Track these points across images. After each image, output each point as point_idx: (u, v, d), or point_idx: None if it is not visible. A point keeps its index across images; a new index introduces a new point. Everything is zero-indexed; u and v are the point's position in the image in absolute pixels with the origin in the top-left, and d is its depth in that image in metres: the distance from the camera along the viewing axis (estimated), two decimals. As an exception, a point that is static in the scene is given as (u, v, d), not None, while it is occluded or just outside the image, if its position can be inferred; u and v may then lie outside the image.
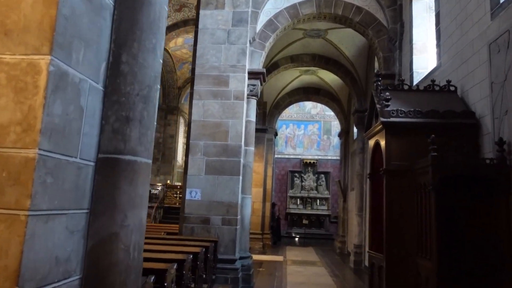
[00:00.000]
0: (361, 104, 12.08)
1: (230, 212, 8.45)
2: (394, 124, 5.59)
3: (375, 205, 6.28)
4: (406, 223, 5.45)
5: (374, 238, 6.26)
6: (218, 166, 8.56)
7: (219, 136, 8.66)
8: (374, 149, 6.33)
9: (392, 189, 5.51)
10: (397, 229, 5.45)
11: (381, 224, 5.83)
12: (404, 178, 5.51)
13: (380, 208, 5.94)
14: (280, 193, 21.75)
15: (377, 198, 6.20)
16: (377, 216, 6.11)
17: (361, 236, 11.83)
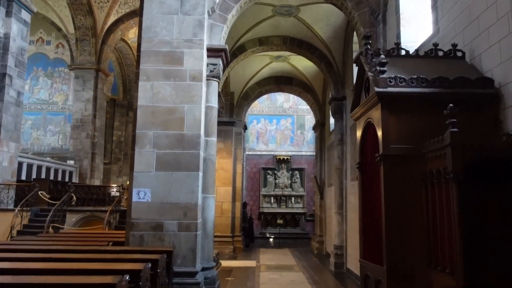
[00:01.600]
0: (338, 91, 10.66)
1: (188, 215, 6.85)
2: (392, 95, 4.11)
3: (368, 203, 4.80)
4: (413, 225, 3.99)
5: (367, 244, 4.78)
6: (172, 160, 6.94)
7: (172, 124, 7.04)
8: (364, 131, 4.85)
9: (392, 181, 4.04)
10: (400, 233, 3.98)
11: (376, 226, 4.36)
12: (408, 166, 4.04)
13: (375, 206, 4.47)
14: (253, 192, 20.19)
15: (370, 194, 4.72)
16: (371, 216, 4.63)
17: (342, 236, 10.41)
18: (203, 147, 7.31)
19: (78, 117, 17.67)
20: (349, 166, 10.14)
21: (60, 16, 19.33)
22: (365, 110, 4.62)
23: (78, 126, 17.66)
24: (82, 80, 17.96)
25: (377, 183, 4.30)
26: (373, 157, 4.38)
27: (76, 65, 17.76)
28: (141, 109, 7.14)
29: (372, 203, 4.58)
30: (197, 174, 6.95)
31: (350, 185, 10.02)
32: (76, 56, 18.10)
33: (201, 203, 7.17)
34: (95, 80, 18.03)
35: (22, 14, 13.36)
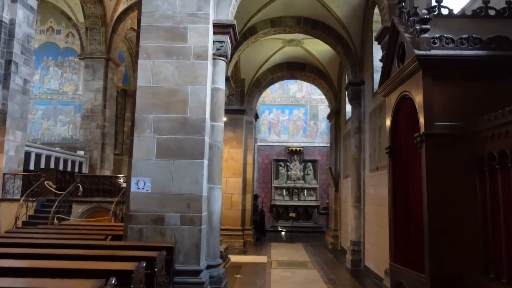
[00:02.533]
0: (356, 75, 9.72)
1: (191, 207, 6.06)
2: (437, 59, 3.22)
3: (401, 195, 3.90)
4: (463, 222, 3.11)
5: (400, 245, 3.89)
6: (174, 146, 6.15)
7: (175, 107, 6.24)
8: (396, 109, 3.95)
9: (436, 167, 3.16)
10: (447, 232, 3.10)
11: (412, 223, 3.49)
12: (457, 148, 3.16)
13: (411, 199, 3.59)
14: (264, 184, 19.36)
15: (404, 184, 3.83)
16: (406, 211, 3.75)
17: (359, 231, 9.53)
18: (208, 132, 6.49)
19: (88, 107, 17.19)
20: (367, 156, 9.23)
21: (69, 5, 18.75)
22: (398, 82, 3.73)
23: (88, 116, 17.18)
24: (92, 69, 17.47)
25: (414, 171, 3.43)
26: (409, 139, 3.51)
27: (86, 55, 17.26)
28: (140, 90, 6.35)
29: (407, 195, 3.71)
30: (202, 162, 6.13)
31: (368, 176, 9.12)
32: (86, 46, 17.60)
33: (206, 194, 6.37)
34: (105, 70, 17.54)
35: (28, 0, 12.72)
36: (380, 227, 8.12)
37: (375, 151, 8.51)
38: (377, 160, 8.31)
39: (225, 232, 12.09)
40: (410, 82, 3.46)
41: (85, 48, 17.62)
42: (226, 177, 12.59)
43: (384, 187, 7.87)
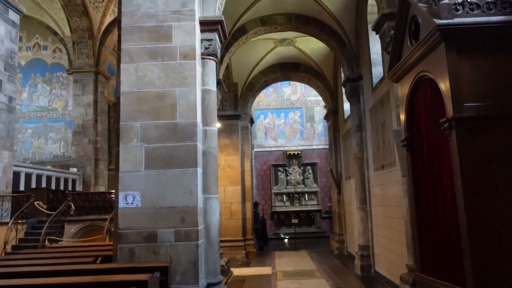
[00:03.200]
0: (352, 70, 9.22)
1: (186, 221, 5.49)
2: (462, 29, 2.70)
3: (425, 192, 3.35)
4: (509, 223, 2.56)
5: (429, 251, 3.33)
6: (165, 155, 5.60)
7: (163, 112, 5.70)
8: (412, 94, 3.41)
9: (471, 157, 2.63)
10: (491, 235, 2.55)
11: (444, 225, 2.94)
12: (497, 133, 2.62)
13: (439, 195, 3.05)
14: (264, 191, 18.76)
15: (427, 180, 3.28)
16: (433, 212, 3.20)
17: (367, 235, 8.96)
18: (201, 138, 5.95)
19: (79, 122, 16.64)
20: (370, 155, 8.70)
21: (55, 19, 18.24)
22: (413, 62, 3.21)
23: (80, 131, 16.63)
24: (81, 84, 16.95)
25: (443, 164, 2.88)
26: (432, 128, 2.98)
27: (74, 69, 16.76)
28: (124, 96, 5.80)
29: (434, 193, 3.16)
30: (195, 170, 5.57)
31: (373, 175, 8.58)
32: (74, 60, 17.10)
33: (202, 205, 5.80)
34: (95, 83, 17.01)
35: (9, 15, 12.17)
36: (390, 229, 7.56)
37: (379, 148, 7.98)
38: (382, 158, 7.78)
39: (226, 243, 11.50)
40: (429, 59, 2.93)
41: (73, 62, 17.13)
42: (224, 186, 12.02)
43: (391, 186, 7.33)
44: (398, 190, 6.88)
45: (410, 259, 5.78)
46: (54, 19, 18.26)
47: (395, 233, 7.19)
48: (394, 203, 7.14)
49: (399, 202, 6.80)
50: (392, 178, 7.18)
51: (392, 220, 7.31)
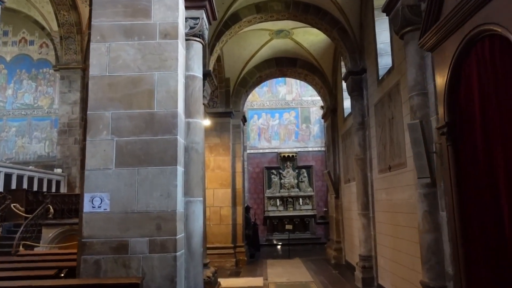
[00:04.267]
0: (355, 62, 8.36)
1: (163, 229, 4.58)
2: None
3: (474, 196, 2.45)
4: None
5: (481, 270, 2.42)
6: (139, 151, 4.70)
7: (138, 100, 4.80)
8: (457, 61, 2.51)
9: None
10: None
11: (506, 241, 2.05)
12: None
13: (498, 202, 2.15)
14: (256, 194, 17.82)
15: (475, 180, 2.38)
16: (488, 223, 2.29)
17: (370, 244, 8.06)
18: (182, 131, 5.03)
19: (65, 121, 15.67)
20: (375, 155, 7.83)
21: (42, 13, 17.29)
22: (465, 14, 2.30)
23: (65, 131, 15.64)
24: (68, 81, 16.01)
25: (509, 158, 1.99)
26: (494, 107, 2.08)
27: (61, 65, 15.83)
28: (94, 81, 4.90)
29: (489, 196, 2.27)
30: (175, 169, 4.65)
31: (378, 178, 7.70)
32: (61, 56, 16.17)
33: (182, 210, 4.88)
34: (82, 81, 16.00)
35: (-12, 6, 11.19)
36: (397, 239, 6.66)
37: (385, 148, 7.11)
38: (389, 158, 6.90)
39: (215, 251, 10.56)
40: (497, 3, 2.02)
41: (60, 58, 16.21)
42: (213, 189, 11.11)
43: (400, 190, 6.44)
44: (409, 195, 6.00)
45: (427, 276, 4.89)
46: (41, 13, 17.33)
47: (404, 244, 6.30)
48: (404, 209, 6.25)
49: (411, 208, 5.91)
50: (401, 180, 6.30)
51: (401, 229, 6.42)
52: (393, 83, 6.50)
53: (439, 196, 4.96)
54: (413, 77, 5.17)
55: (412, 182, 5.90)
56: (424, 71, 5.11)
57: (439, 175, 4.90)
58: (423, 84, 5.09)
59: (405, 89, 6.04)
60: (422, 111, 5.07)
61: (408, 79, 5.26)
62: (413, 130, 4.88)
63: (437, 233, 4.99)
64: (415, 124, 4.86)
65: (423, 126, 4.87)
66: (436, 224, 5.00)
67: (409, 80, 5.22)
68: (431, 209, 5.03)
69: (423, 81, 5.10)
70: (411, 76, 5.21)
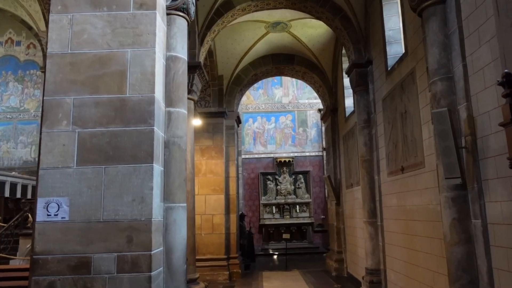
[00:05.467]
0: (360, 54, 7.49)
1: (135, 241, 3.64)
2: None
3: None
4: None
5: None
6: (106, 145, 3.77)
7: (106, 83, 3.89)
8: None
9: None
10: None
11: None
12: None
13: None
14: (251, 201, 16.83)
15: None
16: None
17: (378, 256, 7.12)
18: (161, 121, 4.09)
19: (51, 125, 14.57)
20: (383, 155, 6.92)
21: (30, 13, 16.28)
22: None
23: (52, 135, 14.57)
24: (55, 83, 14.95)
25: None
26: None
27: (47, 67, 14.79)
28: (53, 60, 3.96)
29: None
30: (150, 167, 3.70)
31: (387, 182, 6.78)
32: (48, 57, 15.17)
33: (160, 218, 3.92)
34: (71, 83, 15.04)
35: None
36: (413, 251, 5.73)
37: (396, 146, 6.20)
38: (401, 158, 6.00)
39: (206, 263, 9.57)
40: None
41: (47, 59, 15.16)
42: (205, 195, 10.14)
43: (416, 194, 5.52)
44: (429, 200, 5.08)
45: (459, 298, 3.96)
46: (28, 12, 16.35)
47: (421, 257, 5.36)
48: (421, 216, 5.33)
49: (431, 215, 4.99)
50: (418, 183, 5.39)
51: (417, 239, 5.49)
52: (407, 72, 5.62)
53: (470, 200, 4.06)
54: (436, 59, 4.30)
55: (432, 184, 4.99)
56: (449, 51, 4.24)
57: (470, 175, 4.00)
58: (448, 66, 4.22)
59: (422, 76, 5.16)
60: (447, 98, 4.19)
61: (429, 62, 4.38)
62: (439, 121, 3.98)
63: (469, 246, 4.08)
64: (442, 113, 3.96)
65: (451, 115, 3.98)
66: (468, 234, 4.09)
67: (431, 63, 4.34)
68: (461, 216, 4.12)
69: (448, 64, 4.23)
70: (433, 58, 4.34)
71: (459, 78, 4.05)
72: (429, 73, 4.36)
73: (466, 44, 3.98)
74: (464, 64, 3.96)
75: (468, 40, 3.95)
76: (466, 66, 3.95)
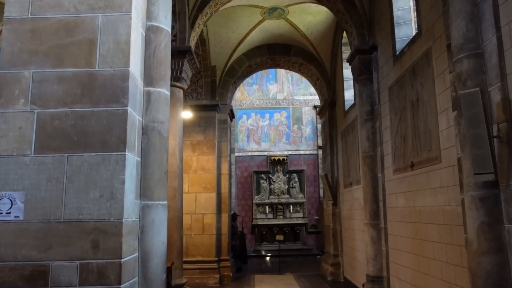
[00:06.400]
0: (364, 39, 6.87)
1: (102, 247, 2.98)
2: None
3: None
4: None
5: None
6: (70, 129, 3.11)
7: (72, 54, 3.23)
8: None
9: None
10: None
11: None
12: None
13: None
14: (244, 201, 16.17)
15: None
16: None
17: (380, 262, 6.49)
18: (139, 102, 3.42)
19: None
20: (388, 150, 6.30)
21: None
22: None
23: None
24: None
25: None
26: None
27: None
28: (10, 26, 3.31)
29: None
30: (123, 156, 3.04)
31: (392, 180, 6.16)
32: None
33: (135, 218, 3.25)
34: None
35: None
36: (422, 257, 5.11)
37: (405, 140, 5.58)
38: (411, 153, 5.38)
39: (196, 265, 8.91)
40: None
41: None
42: (196, 193, 9.47)
43: (429, 194, 4.89)
44: (446, 200, 4.46)
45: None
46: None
47: (435, 265, 4.74)
48: (435, 219, 4.71)
49: (449, 218, 4.37)
50: (432, 181, 4.77)
51: (429, 245, 4.87)
52: (420, 54, 5.01)
53: (503, 201, 3.44)
54: (462, 33, 3.67)
55: (449, 182, 4.38)
56: (478, 23, 3.62)
57: (504, 170, 3.37)
58: (477, 41, 3.59)
59: (439, 57, 4.54)
60: (475, 79, 3.56)
61: (453, 37, 3.75)
62: (469, 104, 3.35)
63: (501, 256, 3.45)
64: (473, 94, 3.33)
65: (484, 96, 3.36)
66: (499, 242, 3.46)
67: (455, 38, 3.71)
68: (491, 220, 3.49)
69: (476, 37, 3.60)
70: (458, 31, 3.71)
71: (491, 54, 3.43)
72: (452, 50, 3.74)
73: (501, 12, 3.36)
74: (499, 36, 3.35)
75: (504, 8, 3.32)
76: (501, 38, 3.33)
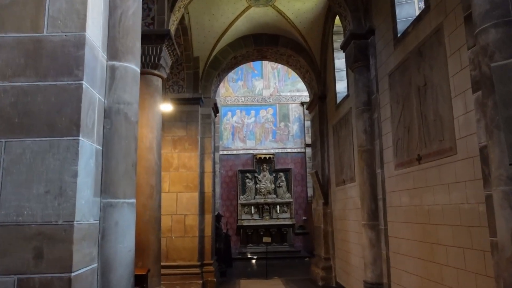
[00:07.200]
0: (359, 23, 6.32)
1: (46, 256, 2.29)
2: None
3: None
4: None
5: None
6: (10, 108, 2.40)
7: (14, 15, 2.53)
8: None
9: None
10: None
11: None
12: None
13: None
14: (229, 201, 15.51)
15: None
16: None
17: (380, 267, 5.93)
18: (98, 77, 2.76)
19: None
20: (388, 143, 5.77)
21: None
22: None
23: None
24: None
25: None
26: None
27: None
28: None
29: None
30: (75, 142, 2.38)
31: (393, 176, 5.62)
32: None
33: (92, 220, 2.58)
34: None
35: None
36: (432, 263, 4.56)
37: (410, 131, 5.04)
38: (418, 144, 4.83)
39: (177, 270, 8.24)
40: None
41: None
42: (177, 192, 8.80)
43: (441, 190, 4.32)
44: (463, 197, 3.91)
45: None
46: None
47: (448, 273, 4.19)
48: (448, 219, 4.17)
49: (467, 219, 3.82)
50: (445, 176, 4.22)
51: (441, 250, 4.32)
52: (428, 32, 4.47)
53: (540, 198, 2.90)
54: (489, -2, 3.12)
55: (467, 176, 3.83)
56: (507, -14, 3.08)
57: (539, 160, 2.83)
58: (507, 6, 3.04)
59: (454, 33, 3.99)
60: (506, 51, 3.00)
61: (476, 4, 3.19)
62: (503, 79, 2.79)
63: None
64: (507, 67, 2.78)
65: (518, 72, 2.80)
66: (537, 245, 2.92)
67: (479, 4, 3.15)
68: (525, 219, 2.95)
69: (506, 2, 3.05)
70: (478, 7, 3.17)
71: (524, 23, 2.89)
72: (475, 19, 3.18)
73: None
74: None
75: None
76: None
